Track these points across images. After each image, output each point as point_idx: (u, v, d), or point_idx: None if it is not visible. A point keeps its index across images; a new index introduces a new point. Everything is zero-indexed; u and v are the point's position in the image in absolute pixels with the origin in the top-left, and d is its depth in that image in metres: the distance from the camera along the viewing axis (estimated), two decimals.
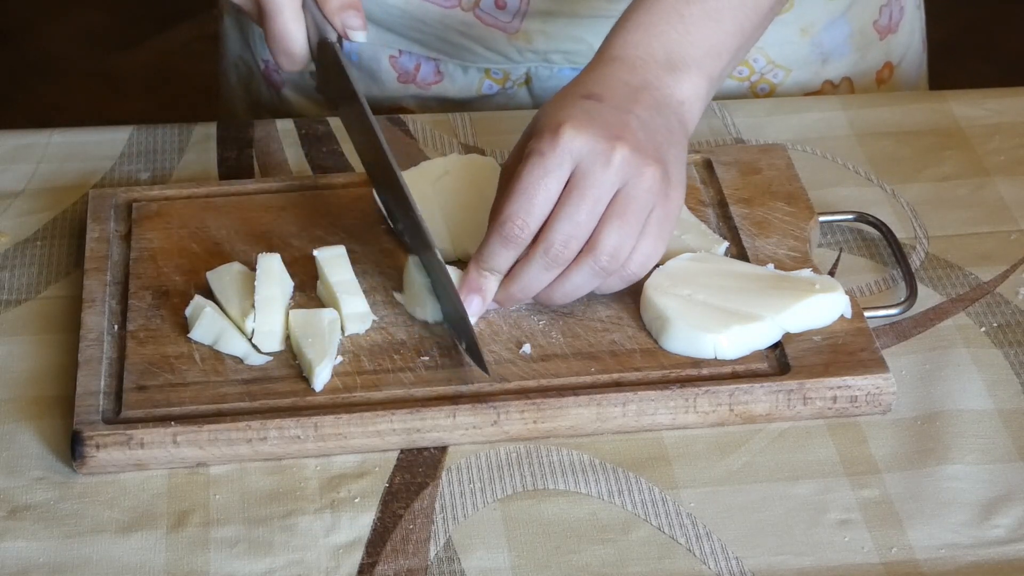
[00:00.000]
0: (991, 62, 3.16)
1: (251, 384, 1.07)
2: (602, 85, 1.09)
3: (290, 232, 1.18)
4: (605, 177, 1.05)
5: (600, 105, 1.07)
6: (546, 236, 1.05)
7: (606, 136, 1.05)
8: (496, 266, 1.07)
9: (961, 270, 1.20)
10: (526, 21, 1.35)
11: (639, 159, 1.05)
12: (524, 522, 1.02)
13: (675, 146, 1.09)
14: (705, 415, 1.07)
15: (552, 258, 1.05)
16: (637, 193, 1.05)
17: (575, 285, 1.07)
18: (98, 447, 1.03)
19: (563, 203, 1.05)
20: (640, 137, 1.06)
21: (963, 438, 1.07)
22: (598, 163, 1.05)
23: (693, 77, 1.11)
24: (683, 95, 1.11)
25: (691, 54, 1.11)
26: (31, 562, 1.00)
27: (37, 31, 3.29)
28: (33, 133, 1.33)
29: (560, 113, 1.07)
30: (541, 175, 1.05)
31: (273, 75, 1.47)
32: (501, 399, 1.06)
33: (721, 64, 1.13)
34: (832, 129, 1.33)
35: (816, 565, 1.00)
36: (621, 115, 1.07)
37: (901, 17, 1.46)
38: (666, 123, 1.09)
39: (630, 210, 1.05)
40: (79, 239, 1.21)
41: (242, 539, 1.01)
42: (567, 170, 1.05)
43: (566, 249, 1.05)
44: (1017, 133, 1.33)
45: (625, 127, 1.06)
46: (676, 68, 1.10)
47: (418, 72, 1.41)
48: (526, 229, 1.05)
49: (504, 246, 1.06)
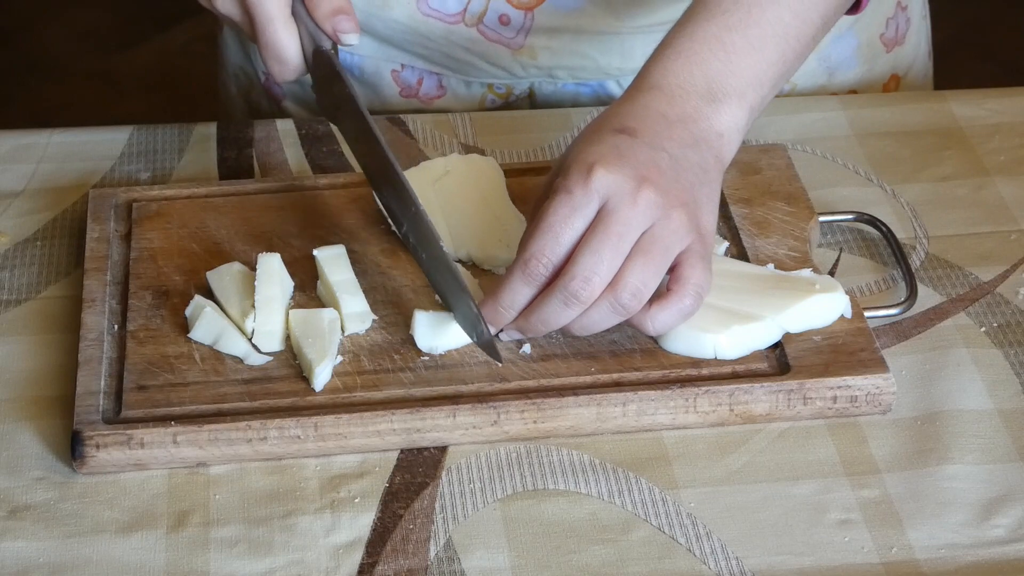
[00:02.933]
0: (991, 62, 3.16)
1: (251, 384, 1.07)
2: (637, 118, 1.07)
3: (290, 232, 1.18)
4: (631, 216, 1.03)
5: (633, 141, 1.05)
6: (567, 271, 1.03)
7: (635, 176, 1.03)
8: (515, 304, 1.06)
9: (961, 270, 1.20)
10: (530, 37, 1.35)
11: (666, 200, 1.04)
12: (524, 522, 1.02)
13: (708, 185, 1.07)
14: (705, 415, 1.07)
15: (571, 294, 1.03)
16: (663, 234, 1.04)
17: (593, 321, 1.05)
18: (98, 447, 1.03)
19: (587, 240, 1.03)
20: (670, 177, 1.05)
21: (963, 438, 1.07)
22: (625, 203, 1.03)
23: (733, 108, 1.09)
24: (722, 127, 1.09)
25: (732, 84, 1.09)
26: (31, 562, 1.00)
27: (37, 31, 3.29)
28: (33, 133, 1.33)
29: (592, 149, 1.05)
30: (568, 214, 1.03)
31: (274, 87, 1.46)
32: (501, 399, 1.06)
33: (762, 94, 1.11)
34: (832, 129, 1.33)
35: (816, 565, 1.00)
36: (653, 153, 1.05)
37: (907, 29, 1.45)
38: (700, 160, 1.07)
39: (655, 250, 1.04)
40: (79, 239, 1.21)
41: (242, 539, 1.01)
42: (594, 209, 1.04)
43: (587, 285, 1.03)
44: (1017, 133, 1.33)
45: (655, 167, 1.04)
46: (716, 99, 1.08)
47: (420, 86, 1.40)
48: (549, 267, 1.04)
49: (526, 283, 1.05)
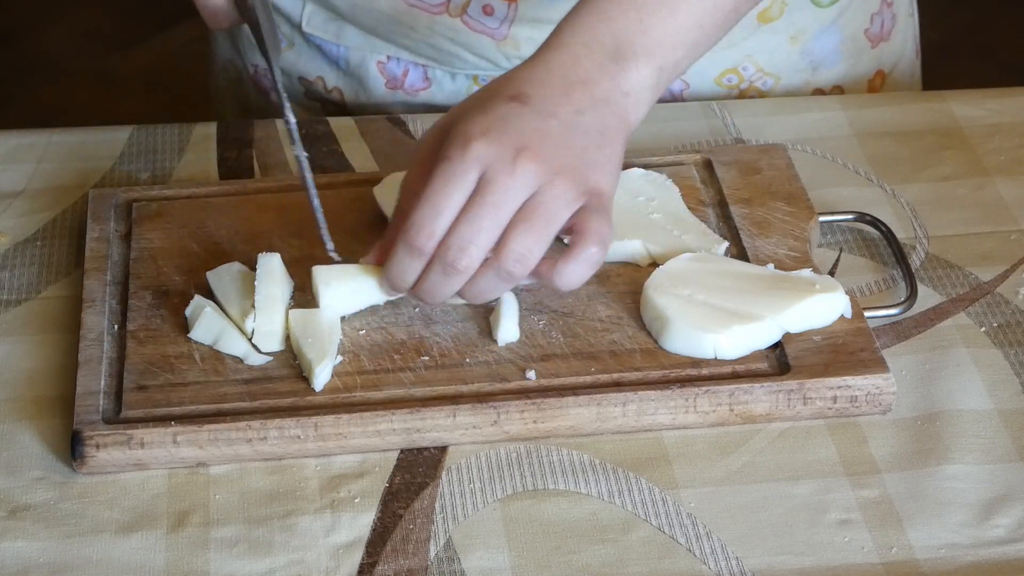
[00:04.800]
0: (990, 62, 3.16)
1: (251, 384, 1.07)
2: (534, 83, 1.06)
3: (290, 232, 1.18)
4: (508, 185, 1.02)
5: (522, 109, 1.05)
6: (444, 242, 1.03)
7: (514, 146, 1.03)
8: (404, 276, 1.06)
9: (961, 270, 1.20)
10: (514, 27, 1.35)
11: (547, 168, 1.03)
12: (524, 522, 1.02)
13: (605, 147, 1.06)
14: (705, 415, 1.07)
15: (448, 263, 1.03)
16: (546, 200, 1.03)
17: (482, 289, 1.05)
18: (98, 447, 1.03)
19: (465, 210, 1.03)
20: (557, 143, 1.04)
21: (963, 438, 1.07)
22: (503, 172, 1.02)
23: (641, 67, 1.08)
24: (628, 86, 1.08)
25: (641, 42, 1.08)
26: (31, 562, 1.00)
27: (37, 31, 3.29)
28: (33, 133, 1.33)
29: (477, 119, 1.04)
30: (445, 183, 1.03)
31: (262, 79, 1.47)
32: (501, 399, 1.06)
33: (675, 56, 1.09)
34: (832, 129, 1.33)
35: (816, 565, 1.00)
36: (540, 120, 1.04)
37: (893, 25, 1.46)
38: (599, 123, 1.06)
39: (537, 216, 1.03)
40: (79, 239, 1.21)
41: (242, 539, 1.01)
42: (473, 179, 1.03)
43: (463, 255, 1.03)
44: (1017, 133, 1.33)
45: (541, 135, 1.04)
46: (624, 56, 1.08)
47: (406, 78, 1.41)
48: (432, 238, 1.03)
49: (409, 255, 1.04)
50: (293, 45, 1.42)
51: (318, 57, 1.42)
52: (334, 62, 1.42)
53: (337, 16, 1.40)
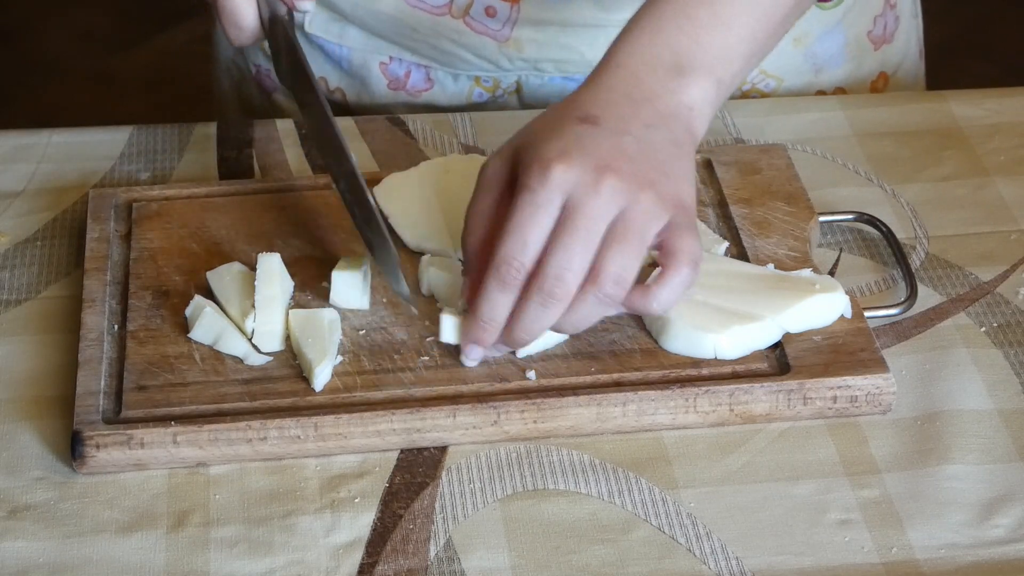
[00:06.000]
0: (991, 62, 3.16)
1: (251, 384, 1.07)
2: (600, 104, 1.06)
3: (290, 232, 1.18)
4: (596, 207, 1.01)
5: (595, 130, 1.04)
6: (539, 272, 1.02)
7: (595, 167, 1.02)
8: (495, 315, 1.04)
9: (961, 270, 1.20)
10: (516, 29, 1.35)
11: (631, 185, 1.02)
12: (524, 522, 1.02)
13: (681, 159, 1.06)
14: (705, 415, 1.07)
15: (546, 294, 1.02)
16: (635, 217, 1.02)
17: (582, 317, 1.04)
18: (98, 447, 1.03)
19: (555, 237, 1.02)
20: (636, 160, 1.03)
21: (963, 438, 1.07)
22: (588, 194, 1.01)
23: (701, 81, 1.08)
24: (691, 100, 1.08)
25: (699, 57, 1.08)
26: (31, 562, 1.00)
27: (37, 31, 3.29)
28: (33, 133, 1.33)
29: (551, 144, 1.03)
30: (532, 213, 1.02)
31: (265, 80, 1.47)
32: (501, 399, 1.06)
33: (732, 69, 1.10)
34: (832, 129, 1.33)
35: (816, 565, 1.00)
36: (617, 139, 1.04)
37: (896, 27, 1.45)
38: (670, 136, 1.06)
39: (630, 234, 1.02)
40: (79, 239, 1.21)
41: (242, 539, 1.01)
42: (557, 205, 1.02)
43: (560, 283, 1.02)
44: (1017, 133, 1.33)
45: (619, 153, 1.03)
46: (684, 72, 1.07)
47: (408, 79, 1.41)
48: (522, 271, 1.03)
49: (502, 291, 1.03)
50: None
51: (320, 58, 1.42)
52: (336, 63, 1.42)
53: (339, 17, 1.40)
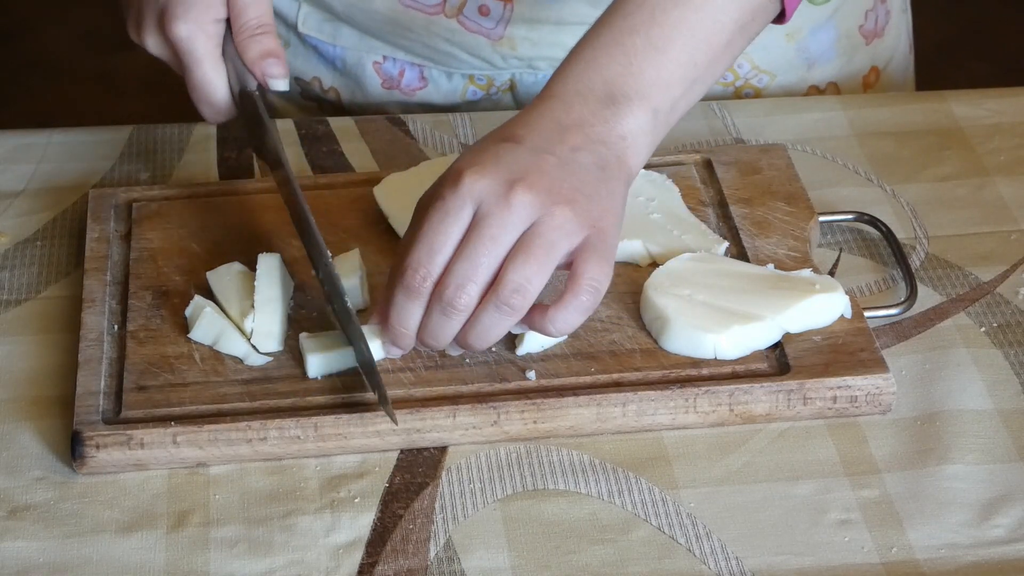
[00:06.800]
0: (990, 62, 3.16)
1: (251, 384, 1.07)
2: (527, 126, 1.05)
3: (290, 232, 1.18)
4: (504, 218, 1.00)
5: (516, 147, 1.03)
6: (442, 281, 1.01)
7: (507, 179, 1.01)
8: (405, 321, 1.03)
9: (961, 270, 1.20)
10: (510, 27, 1.35)
11: (545, 199, 1.01)
12: (524, 522, 1.02)
13: (607, 183, 1.04)
14: (705, 415, 1.07)
15: (447, 303, 1.01)
16: (544, 231, 1.01)
17: (485, 327, 1.02)
18: (98, 447, 1.03)
19: (461, 247, 1.01)
20: (553, 176, 1.02)
21: (963, 438, 1.07)
22: (498, 205, 1.00)
23: (636, 111, 1.06)
24: (624, 130, 1.05)
25: (632, 86, 1.06)
26: (31, 562, 1.00)
27: (37, 31, 3.29)
28: (33, 133, 1.33)
29: (467, 158, 1.03)
30: (440, 219, 1.01)
31: None
32: (501, 399, 1.06)
33: (671, 96, 1.07)
34: (832, 129, 1.33)
35: (816, 565, 1.00)
36: (536, 156, 1.03)
37: (887, 21, 1.46)
38: (597, 160, 1.04)
39: (535, 246, 1.01)
40: (79, 239, 1.21)
41: (242, 539, 1.01)
42: (468, 214, 1.01)
43: (461, 292, 1.00)
44: (1017, 133, 1.33)
45: (536, 169, 1.02)
46: (617, 102, 1.05)
47: (402, 78, 1.41)
48: (428, 278, 1.01)
49: (407, 298, 1.02)
50: (289, 45, 1.42)
51: (314, 58, 1.42)
52: (330, 62, 1.42)
53: (333, 17, 1.40)
